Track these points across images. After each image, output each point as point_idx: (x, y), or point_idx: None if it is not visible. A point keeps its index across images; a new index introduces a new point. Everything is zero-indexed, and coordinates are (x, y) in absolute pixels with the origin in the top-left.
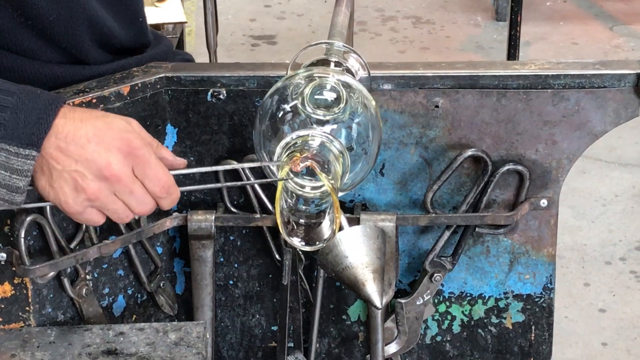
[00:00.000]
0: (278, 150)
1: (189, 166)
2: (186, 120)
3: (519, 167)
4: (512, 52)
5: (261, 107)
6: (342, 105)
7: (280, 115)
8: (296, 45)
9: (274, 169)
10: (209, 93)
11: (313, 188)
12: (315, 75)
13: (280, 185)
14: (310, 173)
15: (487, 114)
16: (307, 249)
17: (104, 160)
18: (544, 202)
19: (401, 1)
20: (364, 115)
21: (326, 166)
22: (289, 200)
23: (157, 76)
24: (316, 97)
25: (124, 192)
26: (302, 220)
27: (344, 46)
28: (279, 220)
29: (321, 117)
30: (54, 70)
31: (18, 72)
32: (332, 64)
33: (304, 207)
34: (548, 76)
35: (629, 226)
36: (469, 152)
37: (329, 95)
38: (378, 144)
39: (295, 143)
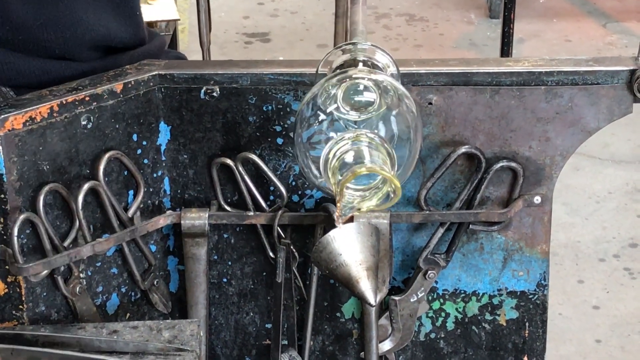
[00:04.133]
0: (323, 154)
1: (182, 163)
2: (179, 118)
3: (513, 164)
4: (506, 49)
5: (299, 113)
6: (376, 104)
7: (317, 121)
8: (289, 43)
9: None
10: (203, 90)
11: (361, 190)
12: (346, 76)
13: (340, 198)
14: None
15: (480, 111)
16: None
17: None
18: (537, 199)
19: None
20: (401, 112)
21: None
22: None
23: (150, 74)
24: (350, 98)
25: None
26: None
27: (370, 44)
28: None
29: (357, 118)
30: (46, 64)
31: (9, 65)
32: (361, 63)
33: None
34: (541, 73)
35: (623, 223)
36: (463, 149)
37: (363, 95)
38: (420, 140)
39: (341, 146)
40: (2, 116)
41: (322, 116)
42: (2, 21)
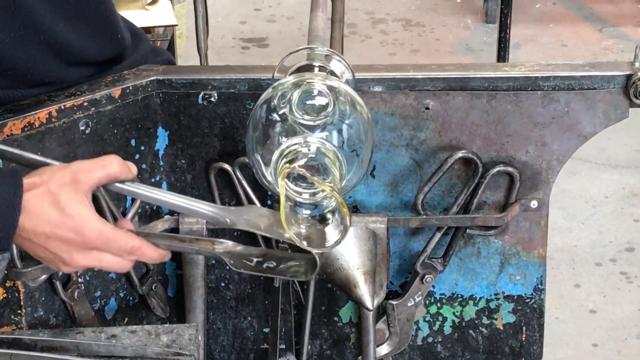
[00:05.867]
0: (274, 158)
1: (180, 168)
2: (177, 123)
3: (510, 169)
4: (502, 54)
5: (252, 116)
6: (330, 109)
7: (270, 124)
8: (286, 48)
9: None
10: (200, 96)
11: (311, 194)
12: (300, 81)
13: (282, 197)
14: (305, 179)
15: (477, 116)
16: (318, 250)
17: (67, 255)
18: (534, 204)
19: (391, 4)
20: (354, 118)
21: (324, 171)
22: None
23: (148, 79)
24: (304, 102)
25: (96, 267)
26: (303, 228)
27: (327, 50)
28: (287, 230)
29: (310, 123)
30: (30, 92)
31: None
32: (316, 69)
33: (307, 212)
34: (538, 78)
35: (619, 227)
36: (460, 154)
37: (317, 100)
38: (371, 146)
39: (291, 150)
40: (1, 122)
41: (275, 119)
42: None
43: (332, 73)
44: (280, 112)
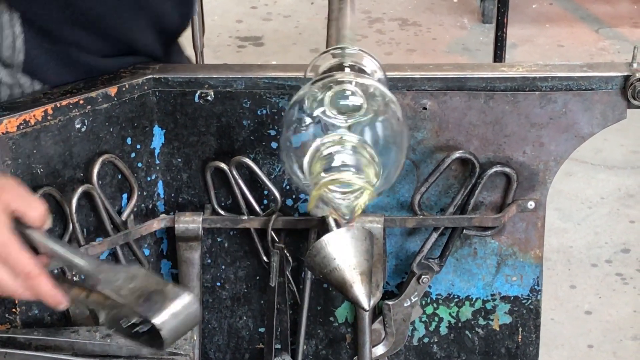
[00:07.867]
0: (307, 157)
1: (176, 167)
2: (174, 121)
3: (507, 169)
4: (499, 54)
5: (285, 115)
6: (364, 109)
7: (304, 123)
8: (282, 47)
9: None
10: (197, 94)
11: (343, 193)
12: (333, 80)
13: (316, 191)
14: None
15: (474, 116)
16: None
17: None
18: (531, 204)
19: (388, 3)
20: (388, 117)
21: (358, 170)
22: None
23: (145, 77)
24: (338, 102)
25: None
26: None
27: (358, 49)
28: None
29: (344, 122)
30: (104, 62)
31: (69, 63)
32: (347, 68)
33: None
34: (536, 78)
35: (615, 228)
36: (457, 154)
37: (350, 100)
38: (406, 145)
39: (326, 149)
40: None
41: (308, 119)
42: (68, 7)
43: (363, 72)
44: (314, 112)
